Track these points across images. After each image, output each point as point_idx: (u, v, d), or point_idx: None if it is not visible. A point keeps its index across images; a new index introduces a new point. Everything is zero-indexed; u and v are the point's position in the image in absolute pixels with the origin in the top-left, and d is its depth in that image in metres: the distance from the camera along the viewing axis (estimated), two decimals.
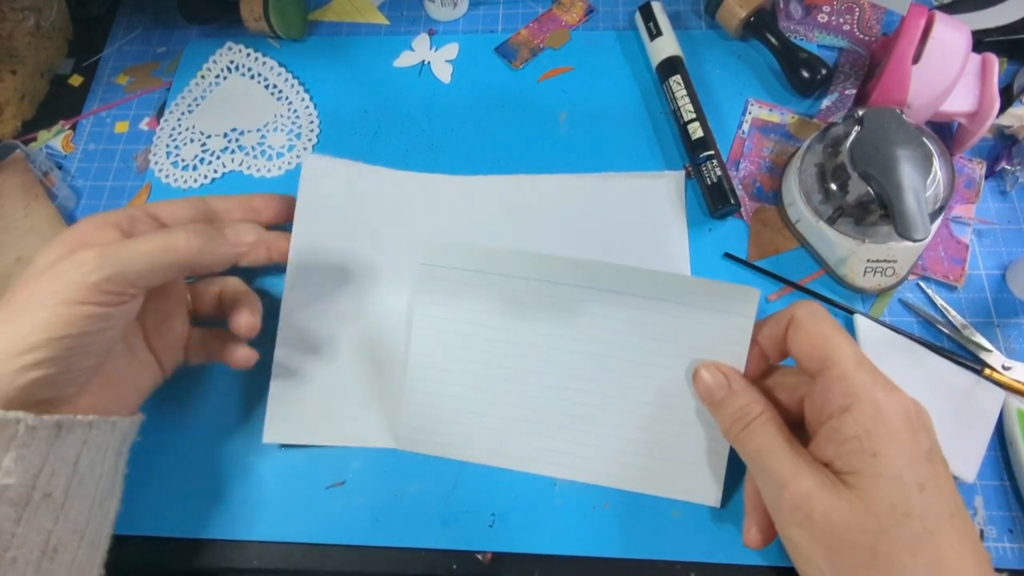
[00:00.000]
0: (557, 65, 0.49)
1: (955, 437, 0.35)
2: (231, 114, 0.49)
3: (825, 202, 0.39)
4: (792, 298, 0.40)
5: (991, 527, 0.35)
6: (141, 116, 0.50)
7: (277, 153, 0.47)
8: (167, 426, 0.39)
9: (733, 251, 0.42)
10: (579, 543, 0.35)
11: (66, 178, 0.48)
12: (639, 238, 0.42)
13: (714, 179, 0.42)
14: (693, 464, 0.35)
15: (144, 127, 0.49)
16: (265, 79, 0.50)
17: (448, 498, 0.37)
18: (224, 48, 0.51)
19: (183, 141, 0.48)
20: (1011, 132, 0.43)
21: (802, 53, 0.45)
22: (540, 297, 0.37)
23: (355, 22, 0.53)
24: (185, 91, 0.49)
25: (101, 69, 0.52)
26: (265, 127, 0.48)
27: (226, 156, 0.47)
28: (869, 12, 0.48)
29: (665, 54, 0.46)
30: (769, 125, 0.46)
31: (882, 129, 0.37)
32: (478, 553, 0.36)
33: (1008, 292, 0.40)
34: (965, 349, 0.38)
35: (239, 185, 0.46)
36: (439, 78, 0.50)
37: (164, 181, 0.47)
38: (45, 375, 0.27)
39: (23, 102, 0.50)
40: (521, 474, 0.37)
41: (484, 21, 0.52)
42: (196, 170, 0.47)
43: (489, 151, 0.46)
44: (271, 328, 0.39)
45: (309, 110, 0.49)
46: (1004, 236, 0.41)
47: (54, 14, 0.52)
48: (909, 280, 0.40)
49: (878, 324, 0.38)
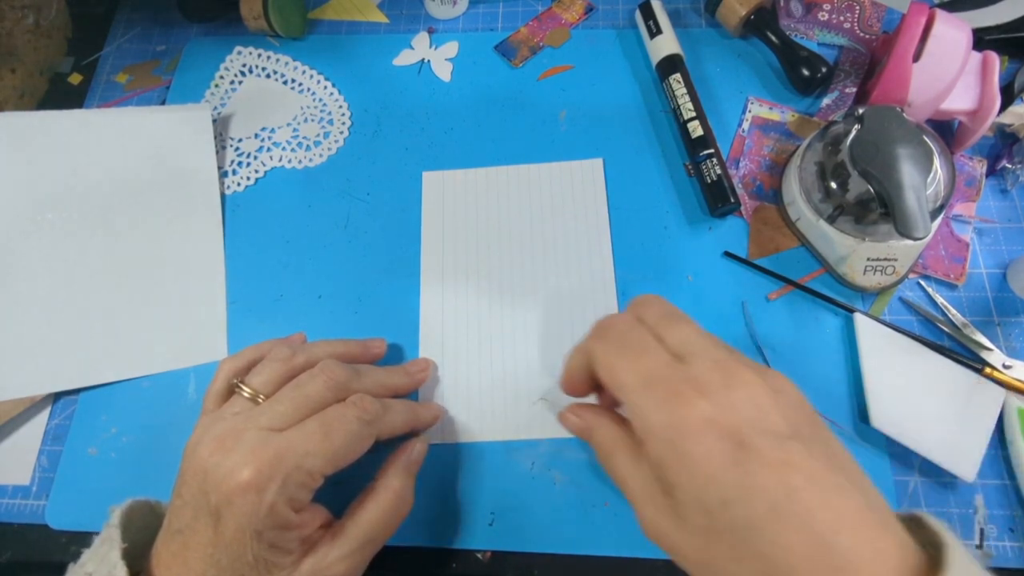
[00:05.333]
0: (557, 63, 0.49)
1: (955, 436, 0.35)
2: (257, 115, 0.49)
3: (825, 200, 0.39)
4: (792, 297, 0.40)
5: (992, 526, 0.35)
6: None
7: (314, 142, 0.48)
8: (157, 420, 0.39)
9: (733, 250, 0.42)
10: (578, 542, 0.35)
11: None
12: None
13: (714, 177, 0.42)
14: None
15: None
16: (282, 75, 0.50)
17: (447, 497, 0.37)
18: (233, 53, 0.51)
19: (215, 149, 0.47)
20: (1012, 130, 0.43)
21: (802, 51, 0.45)
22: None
23: (354, 20, 0.53)
24: (203, 102, 0.49)
25: (101, 67, 0.52)
26: (295, 120, 0.48)
27: (263, 155, 0.47)
28: (870, 10, 0.48)
29: (665, 52, 0.46)
30: (769, 123, 0.46)
31: (882, 127, 0.37)
32: (477, 552, 0.36)
33: (1009, 291, 0.40)
34: (965, 348, 0.38)
35: (285, 180, 0.47)
36: (439, 76, 0.49)
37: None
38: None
39: (22, 100, 0.50)
40: (520, 473, 0.37)
41: (484, 19, 0.52)
42: (236, 174, 0.47)
43: (489, 149, 0.46)
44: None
45: (334, 96, 0.49)
46: (1005, 234, 0.41)
47: (53, 12, 0.52)
48: (909, 278, 0.40)
49: (878, 323, 0.38)
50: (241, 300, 0.43)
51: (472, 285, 0.42)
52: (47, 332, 0.41)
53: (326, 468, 0.29)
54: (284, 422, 0.30)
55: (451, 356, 0.40)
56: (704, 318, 0.40)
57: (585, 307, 0.41)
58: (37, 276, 0.42)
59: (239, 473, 0.27)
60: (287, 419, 0.30)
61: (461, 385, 0.39)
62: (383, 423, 0.33)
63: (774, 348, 0.39)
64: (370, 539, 0.31)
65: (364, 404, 0.32)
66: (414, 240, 0.44)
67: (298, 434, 0.29)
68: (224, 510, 0.27)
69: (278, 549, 0.28)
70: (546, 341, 0.40)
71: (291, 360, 0.33)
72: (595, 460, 0.37)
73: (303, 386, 0.32)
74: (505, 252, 0.43)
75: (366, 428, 0.31)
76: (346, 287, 0.43)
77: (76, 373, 0.41)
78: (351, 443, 0.31)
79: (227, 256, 0.44)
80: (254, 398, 0.31)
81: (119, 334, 0.41)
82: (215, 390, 0.33)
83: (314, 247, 0.44)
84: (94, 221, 0.44)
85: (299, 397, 0.31)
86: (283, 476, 0.27)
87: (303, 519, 0.29)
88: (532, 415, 0.38)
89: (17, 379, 0.40)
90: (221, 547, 0.27)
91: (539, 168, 0.45)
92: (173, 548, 0.28)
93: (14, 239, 0.43)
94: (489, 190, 0.45)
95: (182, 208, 0.45)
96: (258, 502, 0.27)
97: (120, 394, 0.41)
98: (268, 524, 0.27)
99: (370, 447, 0.32)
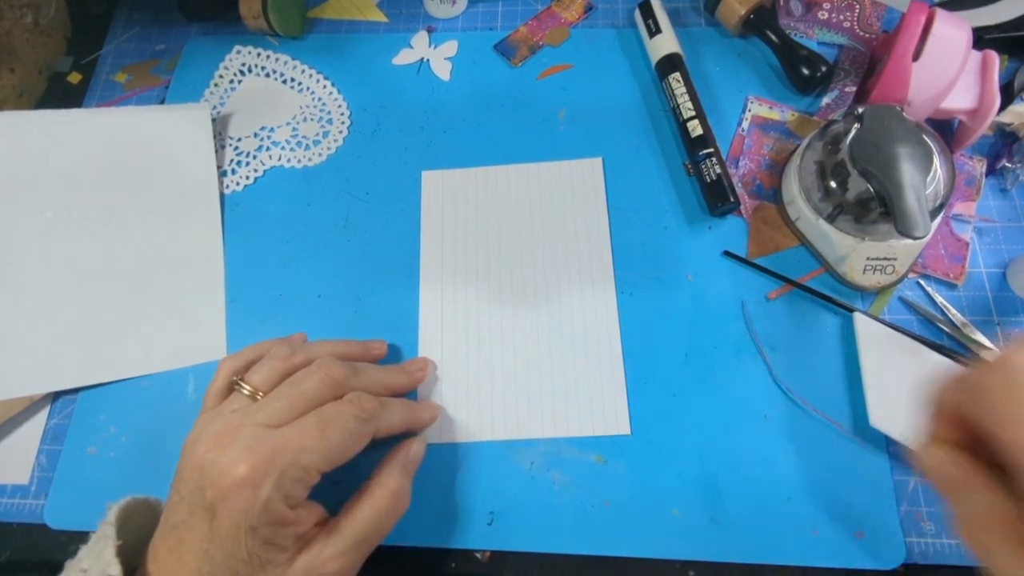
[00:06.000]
0: (556, 63, 0.49)
1: None
2: (256, 114, 0.49)
3: (825, 200, 0.39)
4: (792, 297, 0.40)
5: None
6: None
7: (313, 141, 0.48)
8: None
9: (732, 249, 0.42)
10: (578, 541, 0.35)
11: None
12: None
13: (713, 177, 0.42)
14: (599, 397, 0.38)
15: None
16: (281, 75, 0.50)
17: (446, 497, 0.37)
18: (233, 52, 0.51)
19: (215, 148, 0.47)
20: (1011, 129, 0.43)
21: (802, 50, 0.45)
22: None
23: (354, 19, 0.53)
24: (202, 101, 0.49)
25: (100, 67, 0.52)
26: (294, 119, 0.48)
27: (263, 155, 0.47)
28: (869, 9, 0.48)
29: (664, 51, 0.46)
30: (769, 123, 0.46)
31: (882, 126, 0.37)
32: (477, 552, 0.36)
33: (1008, 290, 0.40)
34: (965, 347, 0.38)
35: (284, 179, 0.47)
36: (438, 76, 0.49)
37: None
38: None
39: (21, 100, 0.50)
40: (520, 473, 0.37)
41: (483, 18, 0.52)
42: (235, 173, 0.47)
43: (488, 149, 0.46)
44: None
45: (334, 95, 0.49)
46: (1004, 234, 0.41)
47: (53, 11, 0.52)
48: (909, 278, 0.40)
49: (878, 322, 0.38)
50: (240, 299, 0.43)
51: (471, 284, 0.42)
52: (46, 331, 0.41)
53: (322, 465, 0.29)
54: (281, 418, 0.30)
55: (450, 355, 0.40)
56: (703, 317, 0.40)
57: (584, 306, 0.41)
58: (36, 275, 0.42)
59: (235, 469, 0.27)
60: (284, 415, 0.30)
61: (460, 384, 0.39)
62: (380, 421, 0.33)
63: (774, 347, 0.39)
64: (365, 538, 0.31)
65: (361, 402, 0.32)
66: (413, 240, 0.44)
67: (294, 431, 0.29)
68: (219, 506, 0.27)
69: (273, 545, 0.28)
70: (546, 340, 0.40)
71: (290, 358, 0.33)
72: (594, 460, 0.37)
73: (300, 383, 0.32)
74: (505, 251, 0.43)
75: (363, 426, 0.31)
76: (345, 287, 0.43)
77: (75, 372, 0.40)
78: (347, 440, 0.31)
79: (226, 255, 0.44)
80: (253, 395, 0.31)
81: (118, 333, 0.41)
82: (215, 389, 0.33)
83: (313, 246, 0.44)
84: (93, 220, 0.44)
85: (296, 394, 0.31)
86: (278, 472, 0.27)
87: (298, 515, 0.29)
88: (532, 415, 0.38)
89: (16, 378, 0.40)
90: (216, 543, 0.27)
91: (538, 167, 0.45)
92: (169, 543, 0.28)
93: (13, 238, 0.43)
94: (488, 189, 0.45)
95: (181, 207, 0.45)
96: (253, 498, 0.27)
97: (119, 394, 0.41)
98: (263, 520, 0.27)
99: (367, 445, 0.32)
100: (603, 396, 0.38)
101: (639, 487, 0.36)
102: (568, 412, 0.38)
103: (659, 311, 0.40)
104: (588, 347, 0.40)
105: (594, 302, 0.41)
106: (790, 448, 0.37)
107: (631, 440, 0.37)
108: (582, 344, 0.40)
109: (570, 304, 0.41)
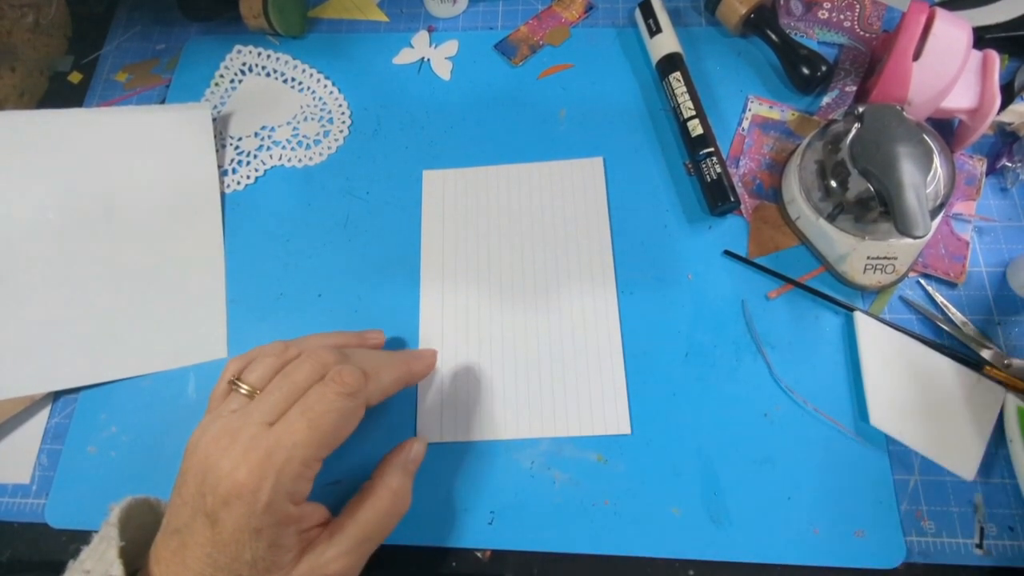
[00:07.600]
0: (557, 62, 0.49)
1: (955, 434, 0.35)
2: (257, 113, 0.49)
3: (825, 199, 0.39)
4: (792, 296, 0.40)
5: (991, 525, 0.35)
6: None
7: (314, 141, 0.48)
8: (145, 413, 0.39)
9: (733, 248, 0.42)
10: (578, 540, 0.35)
11: None
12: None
13: (714, 176, 0.42)
14: (600, 396, 0.38)
15: None
16: (281, 74, 0.50)
17: (447, 496, 0.37)
18: (233, 52, 0.51)
19: (215, 148, 0.47)
20: (1012, 129, 0.43)
21: (802, 50, 0.45)
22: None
23: (354, 19, 0.53)
24: (203, 100, 0.49)
25: (100, 66, 0.52)
26: (294, 119, 0.48)
27: (263, 154, 0.47)
28: (870, 9, 0.48)
29: (665, 51, 0.46)
30: (769, 122, 0.46)
31: (882, 126, 0.37)
32: (477, 551, 0.36)
33: (1008, 289, 0.40)
34: (965, 346, 0.38)
35: (285, 179, 0.47)
36: (439, 75, 0.49)
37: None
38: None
39: (22, 99, 0.50)
40: (520, 472, 0.37)
41: (483, 18, 0.52)
42: (236, 173, 0.47)
43: (489, 148, 0.46)
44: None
45: (334, 95, 0.49)
46: (1005, 233, 0.41)
47: (53, 11, 0.52)
48: (909, 277, 0.40)
49: (878, 321, 0.38)
50: (241, 299, 0.43)
51: (472, 283, 0.42)
52: (47, 331, 0.41)
53: (319, 454, 0.29)
54: (278, 412, 0.30)
55: (451, 354, 0.40)
56: (704, 317, 0.40)
57: (585, 305, 0.41)
58: (37, 275, 0.42)
59: (233, 475, 0.27)
60: (281, 408, 0.30)
61: (460, 384, 0.39)
62: (370, 391, 0.32)
63: (774, 347, 0.39)
64: (367, 537, 0.31)
65: (341, 377, 0.31)
66: (414, 239, 0.44)
67: (284, 427, 0.29)
68: (221, 512, 0.27)
69: (277, 547, 0.28)
70: (547, 340, 0.40)
71: (284, 353, 0.33)
72: (595, 459, 0.37)
73: (291, 374, 0.31)
74: (505, 251, 0.43)
75: (350, 401, 0.31)
76: (346, 286, 0.43)
77: (76, 372, 0.41)
78: (338, 421, 0.30)
79: (227, 255, 0.44)
80: (251, 394, 0.31)
81: (119, 333, 0.42)
82: (218, 391, 0.33)
83: (314, 246, 0.44)
84: (94, 220, 0.44)
85: (287, 385, 0.31)
86: (275, 473, 0.27)
87: (303, 511, 0.29)
88: (532, 414, 0.38)
89: (17, 378, 0.40)
90: (219, 547, 0.27)
91: (539, 167, 0.45)
92: (172, 547, 0.28)
93: (14, 238, 0.43)
94: (489, 189, 0.45)
95: (182, 207, 0.45)
96: (254, 502, 0.27)
97: (120, 393, 0.41)
98: (267, 521, 0.27)
99: (364, 417, 0.32)
100: (603, 395, 0.38)
101: (639, 486, 0.36)
102: (568, 411, 0.38)
103: (659, 310, 0.40)
104: (588, 346, 0.40)
105: (594, 301, 0.41)
106: (790, 447, 0.37)
107: (631, 439, 0.37)
108: (582, 343, 0.40)
109: (570, 303, 0.41)
